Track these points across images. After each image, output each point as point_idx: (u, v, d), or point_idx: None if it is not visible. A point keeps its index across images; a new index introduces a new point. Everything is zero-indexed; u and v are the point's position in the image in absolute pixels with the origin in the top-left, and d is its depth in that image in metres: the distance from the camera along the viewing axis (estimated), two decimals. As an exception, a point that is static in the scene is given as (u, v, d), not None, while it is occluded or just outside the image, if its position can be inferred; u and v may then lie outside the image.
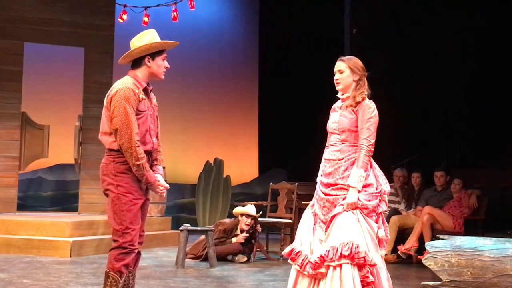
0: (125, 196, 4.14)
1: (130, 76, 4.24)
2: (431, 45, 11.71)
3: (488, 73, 11.52)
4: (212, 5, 13.86)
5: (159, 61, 4.27)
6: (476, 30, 11.62)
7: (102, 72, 9.81)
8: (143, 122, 4.20)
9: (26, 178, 12.32)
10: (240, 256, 8.14)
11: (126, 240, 4.11)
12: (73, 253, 8.05)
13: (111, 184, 4.16)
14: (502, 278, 4.95)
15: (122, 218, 4.12)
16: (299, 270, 4.23)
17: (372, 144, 4.20)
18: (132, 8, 11.90)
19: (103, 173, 4.21)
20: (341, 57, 4.38)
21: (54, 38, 9.92)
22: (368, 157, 4.18)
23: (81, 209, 9.82)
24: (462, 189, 8.43)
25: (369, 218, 4.16)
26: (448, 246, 5.18)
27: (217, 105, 13.69)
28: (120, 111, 4.09)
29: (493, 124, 11.36)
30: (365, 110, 4.22)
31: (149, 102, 4.29)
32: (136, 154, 4.09)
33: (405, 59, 11.77)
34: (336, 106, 4.40)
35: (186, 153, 13.15)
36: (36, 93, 11.65)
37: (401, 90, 11.71)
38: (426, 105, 11.75)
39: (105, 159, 4.21)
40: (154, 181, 4.24)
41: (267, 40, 13.80)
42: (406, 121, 11.63)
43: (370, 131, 4.19)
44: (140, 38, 4.25)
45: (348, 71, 4.31)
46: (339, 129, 4.26)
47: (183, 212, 12.89)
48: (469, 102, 11.67)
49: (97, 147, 9.58)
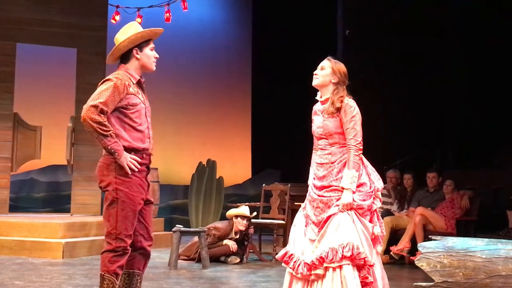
0: (123, 202, 4.05)
1: (123, 70, 4.16)
2: (425, 47, 11.74)
3: (482, 75, 11.56)
4: (205, 6, 13.85)
5: (148, 51, 4.18)
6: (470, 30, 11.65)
7: (94, 73, 9.77)
8: (137, 116, 4.11)
9: (18, 179, 12.27)
10: (233, 257, 8.14)
11: (119, 244, 4.05)
12: (66, 254, 8.03)
13: (110, 186, 4.06)
14: (494, 278, 4.96)
15: (118, 223, 4.04)
16: (292, 273, 4.24)
17: (360, 142, 4.20)
18: (125, 9, 11.88)
19: (102, 173, 4.09)
20: (329, 57, 4.38)
21: (46, 39, 9.89)
22: (358, 156, 4.18)
23: (73, 210, 9.79)
24: (454, 190, 8.45)
25: (363, 218, 4.17)
26: (441, 247, 5.19)
27: (210, 106, 13.68)
28: (100, 90, 4.01)
29: (485, 125, 11.39)
30: (347, 111, 4.22)
31: (144, 96, 4.21)
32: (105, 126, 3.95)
33: (398, 60, 11.80)
34: (317, 109, 4.38)
35: (179, 154, 13.14)
36: (29, 94, 11.61)
37: (394, 91, 11.73)
38: (419, 107, 11.78)
39: (105, 159, 4.08)
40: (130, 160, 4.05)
41: (260, 41, 13.81)
42: (399, 122, 11.66)
43: (356, 130, 4.20)
44: (124, 32, 4.17)
45: (329, 70, 4.30)
46: (325, 133, 4.27)
47: (176, 213, 12.88)
48: (462, 103, 11.70)
49: (90, 148, 9.58)
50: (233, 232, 8.22)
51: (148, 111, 4.22)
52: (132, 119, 4.10)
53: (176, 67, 12.94)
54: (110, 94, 4.00)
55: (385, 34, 11.85)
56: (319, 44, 11.85)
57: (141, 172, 4.13)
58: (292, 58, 12.69)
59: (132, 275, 4.23)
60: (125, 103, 4.07)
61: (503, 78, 11.40)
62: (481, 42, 11.53)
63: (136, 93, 4.13)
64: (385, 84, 11.72)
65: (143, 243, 4.22)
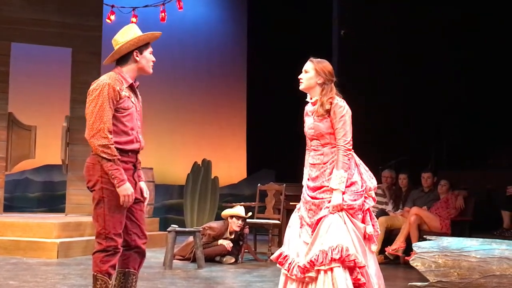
0: (110, 200, 4.03)
1: (115, 73, 4.14)
2: (420, 46, 11.75)
3: (475, 76, 11.57)
4: (201, 6, 13.84)
5: (147, 54, 4.19)
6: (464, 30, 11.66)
7: (89, 73, 9.74)
8: (128, 120, 4.10)
9: (13, 179, 12.24)
10: (228, 257, 8.14)
11: (110, 244, 4.03)
12: (60, 254, 8.01)
13: (96, 185, 4.06)
14: (488, 278, 4.98)
15: (106, 222, 4.03)
16: (287, 274, 4.24)
17: (349, 142, 4.20)
18: (120, 8, 11.88)
19: (89, 173, 4.10)
20: (311, 58, 4.37)
21: (41, 38, 9.87)
22: (346, 157, 4.18)
23: (68, 210, 9.77)
24: (449, 190, 8.47)
25: (354, 219, 4.17)
26: (435, 247, 5.20)
27: (205, 105, 13.67)
28: (95, 105, 3.99)
29: (480, 126, 11.41)
30: (336, 111, 4.21)
31: (136, 100, 4.21)
32: (110, 149, 3.97)
33: (393, 60, 11.80)
34: (308, 110, 4.39)
35: (174, 154, 13.12)
36: (23, 93, 11.58)
37: (389, 91, 11.74)
38: (414, 107, 11.79)
39: (91, 159, 4.09)
40: (128, 194, 4.04)
41: (255, 41, 13.80)
42: (394, 123, 11.67)
43: (345, 130, 4.20)
44: (123, 34, 4.17)
45: (313, 73, 4.30)
46: (317, 135, 4.27)
47: (171, 213, 12.86)
48: (457, 104, 11.71)
49: (85, 148, 9.54)
50: (228, 232, 8.22)
51: (139, 114, 4.23)
52: (123, 123, 4.10)
53: (171, 66, 12.92)
54: (107, 106, 3.99)
55: (380, 34, 11.86)
56: (315, 44, 11.83)
57: (128, 171, 4.12)
58: (288, 58, 12.67)
59: (128, 274, 4.21)
60: (118, 106, 4.07)
61: (497, 79, 11.42)
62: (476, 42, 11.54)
63: (128, 97, 4.13)
64: (381, 84, 11.73)
65: (137, 242, 4.21)
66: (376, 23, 11.85)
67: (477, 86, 11.54)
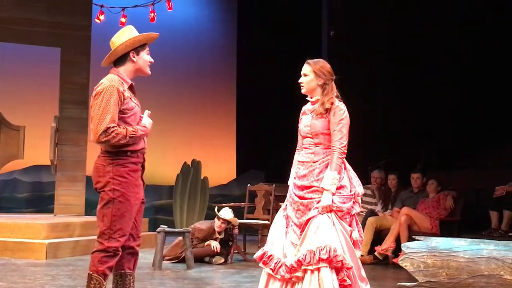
0: (120, 202, 4.05)
1: (114, 74, 4.14)
2: (410, 47, 11.77)
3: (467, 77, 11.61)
4: (190, 6, 13.83)
5: (144, 55, 4.20)
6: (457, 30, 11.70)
7: (78, 73, 9.73)
8: (133, 120, 4.13)
9: (1, 179, 12.20)
10: (217, 257, 8.13)
11: (112, 245, 4.03)
12: (49, 255, 7.98)
13: (107, 186, 4.05)
14: (476, 278, 5.00)
15: (113, 223, 4.03)
16: (270, 273, 4.23)
17: (345, 146, 4.21)
18: (109, 8, 11.85)
19: (99, 174, 4.08)
20: (307, 60, 4.36)
21: (30, 38, 9.83)
22: (341, 159, 4.19)
23: (57, 210, 9.73)
24: (438, 188, 8.50)
25: (343, 221, 4.17)
26: (424, 247, 5.22)
27: (194, 105, 13.67)
28: (98, 108, 3.99)
29: (469, 127, 11.45)
30: (336, 113, 4.22)
31: (136, 99, 4.23)
32: (123, 133, 4.01)
33: (383, 61, 11.83)
34: (306, 109, 4.39)
35: (163, 154, 13.09)
36: (12, 93, 11.53)
37: (378, 92, 11.76)
38: (404, 108, 11.82)
39: (101, 160, 4.09)
40: (146, 131, 4.18)
41: (245, 41, 13.80)
42: (383, 123, 11.70)
43: (342, 133, 4.20)
44: (120, 36, 4.17)
45: (312, 75, 4.30)
46: (312, 133, 4.27)
47: (160, 214, 12.85)
48: (446, 105, 11.75)
49: (73, 148, 9.52)
50: (217, 232, 8.21)
51: (140, 113, 4.26)
52: (129, 123, 4.12)
53: (161, 66, 12.88)
54: (110, 108, 4.00)
55: (370, 35, 11.89)
56: (304, 44, 11.87)
57: (136, 172, 4.17)
58: (277, 58, 12.70)
59: (124, 275, 4.23)
60: (122, 108, 4.09)
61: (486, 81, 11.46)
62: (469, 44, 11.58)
63: (130, 97, 4.15)
64: (371, 85, 11.75)
65: (131, 243, 4.23)
66: (365, 23, 11.88)
67: (465, 88, 11.57)
